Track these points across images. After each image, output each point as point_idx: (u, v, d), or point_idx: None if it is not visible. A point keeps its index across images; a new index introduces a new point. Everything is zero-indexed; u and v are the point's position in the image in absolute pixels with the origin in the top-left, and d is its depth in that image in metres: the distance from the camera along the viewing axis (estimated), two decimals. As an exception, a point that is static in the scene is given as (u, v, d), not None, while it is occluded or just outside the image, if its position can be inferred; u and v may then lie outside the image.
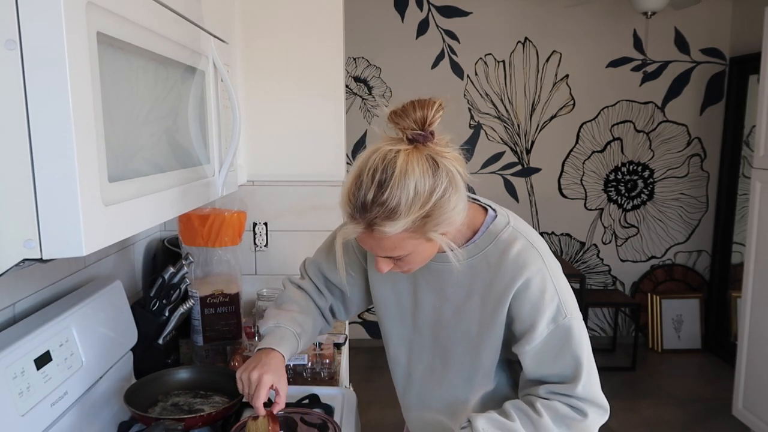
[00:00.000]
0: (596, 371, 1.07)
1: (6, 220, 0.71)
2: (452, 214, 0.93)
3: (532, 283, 1.02)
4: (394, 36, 4.03)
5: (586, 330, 1.08)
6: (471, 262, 1.06)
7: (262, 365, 1.14)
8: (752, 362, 2.94)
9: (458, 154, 0.94)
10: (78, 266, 1.48)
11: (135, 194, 0.90)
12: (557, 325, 1.02)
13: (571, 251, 4.30)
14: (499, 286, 1.04)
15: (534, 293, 1.02)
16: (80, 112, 0.72)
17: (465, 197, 0.96)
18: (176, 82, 1.11)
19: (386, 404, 3.26)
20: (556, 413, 1.03)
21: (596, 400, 1.05)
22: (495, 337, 1.09)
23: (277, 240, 2.06)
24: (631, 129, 4.18)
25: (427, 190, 0.89)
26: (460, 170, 0.93)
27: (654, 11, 3.39)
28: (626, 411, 3.40)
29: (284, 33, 1.94)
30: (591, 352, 1.07)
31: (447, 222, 0.93)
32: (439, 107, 0.92)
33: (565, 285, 1.07)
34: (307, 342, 1.25)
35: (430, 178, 0.90)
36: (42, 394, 1.11)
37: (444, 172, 0.91)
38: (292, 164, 2.01)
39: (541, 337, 1.03)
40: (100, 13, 0.77)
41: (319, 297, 1.31)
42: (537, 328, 1.02)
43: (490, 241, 1.06)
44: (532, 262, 1.03)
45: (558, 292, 1.03)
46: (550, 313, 1.02)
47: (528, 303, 1.03)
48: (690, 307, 4.28)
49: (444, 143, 0.94)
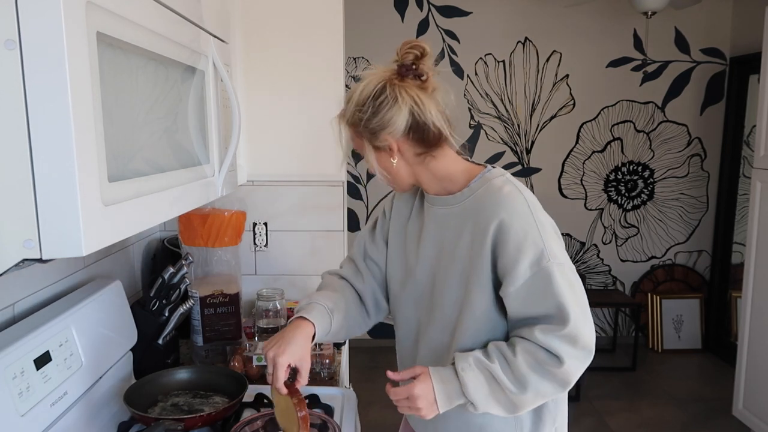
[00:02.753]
0: (586, 308, 1.08)
1: (6, 220, 0.71)
2: (386, 124, 1.08)
3: (515, 224, 1.07)
4: (394, 36, 4.03)
5: (575, 270, 1.10)
6: (464, 205, 1.14)
7: (281, 344, 1.14)
8: (752, 362, 2.94)
9: (423, 96, 1.08)
10: (78, 266, 1.48)
11: (135, 194, 0.90)
12: (540, 267, 1.05)
13: (572, 251, 4.30)
14: (484, 221, 1.10)
15: (517, 234, 1.06)
16: (80, 112, 0.72)
17: (404, 120, 1.08)
18: (176, 82, 1.11)
19: (386, 404, 3.25)
20: (532, 357, 1.05)
21: (581, 340, 1.04)
22: (484, 275, 1.11)
23: (277, 240, 2.06)
24: (631, 129, 4.18)
25: (369, 95, 1.10)
26: (422, 103, 1.08)
27: (654, 11, 3.38)
28: (626, 411, 3.40)
29: (284, 33, 1.94)
30: (583, 297, 1.09)
31: (381, 130, 1.09)
32: (410, 49, 1.10)
33: (552, 234, 1.10)
34: (341, 322, 1.24)
35: (377, 90, 1.09)
36: (42, 394, 1.11)
37: (391, 93, 1.08)
38: (292, 164, 2.00)
39: (523, 278, 1.05)
40: (100, 13, 0.77)
41: (357, 278, 1.32)
42: (519, 268, 1.05)
43: (482, 185, 1.14)
44: (517, 204, 1.08)
45: (543, 238, 1.06)
46: (533, 256, 1.05)
47: (511, 243, 1.06)
48: (690, 307, 4.28)
49: (424, 87, 1.10)
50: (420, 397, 1.08)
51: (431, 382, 1.09)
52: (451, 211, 1.16)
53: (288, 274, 2.07)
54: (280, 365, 1.12)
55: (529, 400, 1.07)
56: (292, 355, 1.13)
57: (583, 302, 1.08)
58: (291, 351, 1.13)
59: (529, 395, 1.06)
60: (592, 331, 1.07)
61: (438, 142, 1.12)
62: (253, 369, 1.60)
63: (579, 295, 1.08)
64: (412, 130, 1.10)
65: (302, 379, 1.16)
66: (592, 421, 3.27)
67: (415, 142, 1.12)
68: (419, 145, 1.12)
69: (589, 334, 1.06)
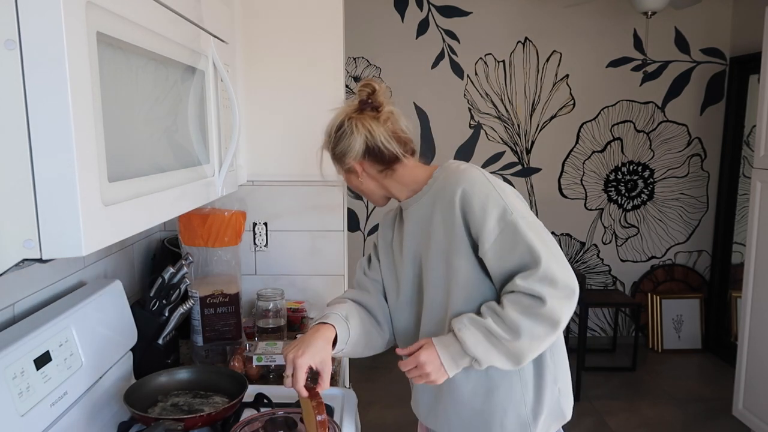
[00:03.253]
0: (559, 254, 1.17)
1: (6, 220, 0.71)
2: (346, 150, 1.28)
3: (476, 190, 1.20)
4: (394, 36, 4.03)
5: (543, 226, 1.21)
6: (431, 192, 1.29)
7: (300, 346, 1.18)
8: (752, 362, 2.94)
9: (374, 125, 1.27)
10: (78, 266, 1.48)
11: (135, 194, 0.90)
12: (506, 222, 1.16)
13: (572, 251, 4.30)
14: (449, 196, 1.23)
15: (479, 198, 1.19)
16: (80, 112, 0.72)
17: (360, 146, 1.27)
18: (176, 82, 1.11)
19: (386, 404, 3.26)
20: (519, 305, 1.14)
21: (560, 280, 1.13)
22: (461, 243, 1.22)
23: (277, 240, 2.06)
24: (631, 129, 4.18)
25: (333, 127, 1.31)
26: (372, 131, 1.27)
27: (654, 11, 3.38)
28: (626, 411, 3.40)
29: (284, 33, 1.94)
30: (552, 242, 1.19)
31: (344, 156, 1.29)
32: (363, 87, 1.30)
33: (512, 195, 1.22)
34: (358, 329, 1.30)
35: (338, 123, 1.30)
36: (42, 394, 1.11)
37: (349, 126, 1.28)
38: (292, 164, 2.01)
39: (494, 234, 1.17)
40: (100, 13, 0.77)
41: (361, 294, 1.39)
42: (487, 226, 1.17)
43: (443, 172, 1.29)
44: (474, 176, 1.22)
45: (504, 199, 1.18)
46: (497, 213, 1.17)
47: (476, 206, 1.19)
48: (690, 307, 4.28)
49: (377, 117, 1.28)
50: (426, 363, 1.17)
51: (435, 348, 1.18)
52: (421, 202, 1.30)
53: (288, 274, 2.07)
54: (300, 366, 1.15)
55: (526, 345, 1.14)
56: (312, 357, 1.17)
57: (552, 245, 1.18)
58: (311, 353, 1.17)
59: (524, 341, 1.14)
60: (568, 271, 1.16)
61: (394, 159, 1.29)
62: (253, 369, 1.60)
63: (547, 241, 1.18)
64: (368, 153, 1.28)
65: (324, 382, 1.19)
66: (592, 421, 3.28)
67: (374, 161, 1.30)
68: (378, 164, 1.30)
69: (564, 272, 1.14)
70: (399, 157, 1.29)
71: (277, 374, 1.63)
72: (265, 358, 1.58)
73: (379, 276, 1.41)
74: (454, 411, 1.29)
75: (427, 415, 1.36)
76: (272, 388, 1.52)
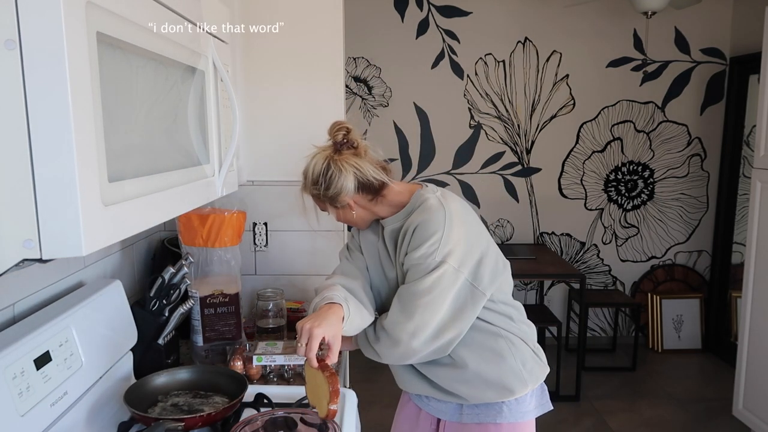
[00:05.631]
0: (422, 319, 1.31)
1: (6, 220, 0.71)
2: (340, 190, 1.36)
3: (427, 225, 1.32)
4: (394, 36, 4.03)
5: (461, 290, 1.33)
6: (404, 216, 1.41)
7: (317, 319, 1.24)
8: (753, 362, 2.94)
9: (359, 161, 1.36)
10: (78, 266, 1.48)
11: (135, 194, 0.90)
12: (427, 262, 1.31)
13: (571, 251, 4.30)
14: (410, 225, 1.36)
15: (425, 232, 1.31)
16: (80, 112, 0.72)
17: (352, 183, 1.36)
18: (176, 82, 1.11)
19: (386, 404, 3.25)
20: (376, 326, 1.40)
21: (394, 335, 1.33)
22: (399, 257, 1.38)
23: (277, 240, 2.06)
24: (631, 129, 4.18)
25: (319, 173, 1.38)
26: (360, 167, 1.36)
27: (654, 11, 3.38)
28: (626, 411, 3.40)
29: (284, 33, 1.94)
30: (441, 306, 1.32)
31: (338, 195, 1.37)
32: (338, 130, 1.38)
33: (460, 241, 1.33)
34: (354, 311, 1.36)
35: (323, 167, 1.37)
36: (42, 395, 1.11)
37: (335, 167, 1.36)
38: (292, 164, 2.00)
39: (409, 262, 1.33)
40: (100, 13, 0.77)
41: (352, 281, 1.46)
42: (413, 255, 1.32)
43: (415, 201, 1.41)
44: (435, 213, 1.33)
45: (442, 242, 1.30)
46: (425, 251, 1.31)
47: (417, 236, 1.33)
48: (690, 307, 4.28)
49: (357, 153, 1.38)
50: (300, 323, 1.25)
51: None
52: (397, 221, 1.43)
53: (288, 274, 2.08)
54: (316, 336, 1.20)
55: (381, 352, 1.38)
56: (327, 329, 1.22)
57: (431, 306, 1.32)
58: (327, 325, 1.23)
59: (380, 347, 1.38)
60: (419, 337, 1.32)
61: (382, 186, 1.40)
62: (253, 369, 1.60)
63: (437, 304, 1.32)
64: (360, 188, 1.38)
65: (332, 355, 1.24)
66: (592, 421, 3.28)
67: (365, 193, 1.40)
68: (369, 194, 1.40)
69: (405, 332, 1.32)
70: (387, 183, 1.40)
71: (277, 374, 1.63)
72: (265, 358, 1.58)
73: (363, 264, 1.51)
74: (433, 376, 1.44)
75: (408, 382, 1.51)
76: (272, 388, 1.52)
